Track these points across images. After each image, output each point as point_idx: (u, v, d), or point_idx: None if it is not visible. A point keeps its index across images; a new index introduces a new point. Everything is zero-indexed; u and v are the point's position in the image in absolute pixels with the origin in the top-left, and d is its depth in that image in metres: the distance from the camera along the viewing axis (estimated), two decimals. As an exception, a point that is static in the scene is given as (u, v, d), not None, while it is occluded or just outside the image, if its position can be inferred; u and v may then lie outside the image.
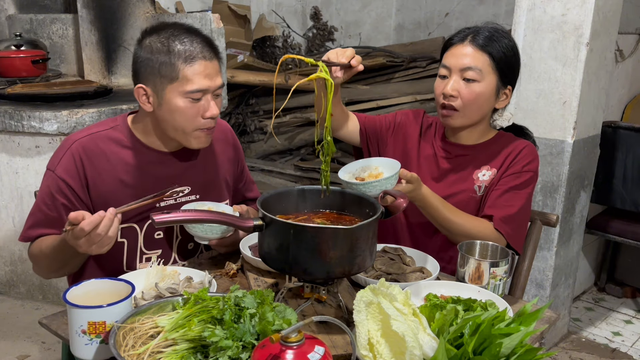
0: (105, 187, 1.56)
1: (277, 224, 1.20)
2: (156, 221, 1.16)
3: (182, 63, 1.45)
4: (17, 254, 3.09)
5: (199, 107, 1.50)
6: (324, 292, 1.28)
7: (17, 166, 2.93)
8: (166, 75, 1.47)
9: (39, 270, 1.61)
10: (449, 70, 1.68)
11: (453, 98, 1.67)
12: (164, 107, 1.50)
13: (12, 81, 3.25)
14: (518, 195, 1.68)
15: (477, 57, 1.65)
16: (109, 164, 1.57)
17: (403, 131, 1.87)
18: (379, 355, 1.07)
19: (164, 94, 1.48)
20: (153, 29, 1.52)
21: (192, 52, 1.46)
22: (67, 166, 1.54)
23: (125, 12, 3.62)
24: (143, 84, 1.51)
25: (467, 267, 1.45)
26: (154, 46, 1.48)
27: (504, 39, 1.68)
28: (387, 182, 1.42)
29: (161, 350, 1.06)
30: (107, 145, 1.58)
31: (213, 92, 1.52)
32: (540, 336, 1.36)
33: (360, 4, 4.66)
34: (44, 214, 1.55)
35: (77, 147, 1.56)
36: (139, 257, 1.64)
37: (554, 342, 3.01)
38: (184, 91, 1.47)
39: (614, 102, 3.39)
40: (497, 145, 1.77)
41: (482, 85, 1.66)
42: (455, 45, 1.69)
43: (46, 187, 1.56)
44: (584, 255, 3.42)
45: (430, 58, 3.89)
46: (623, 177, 3.19)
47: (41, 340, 2.74)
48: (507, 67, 1.69)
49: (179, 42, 1.47)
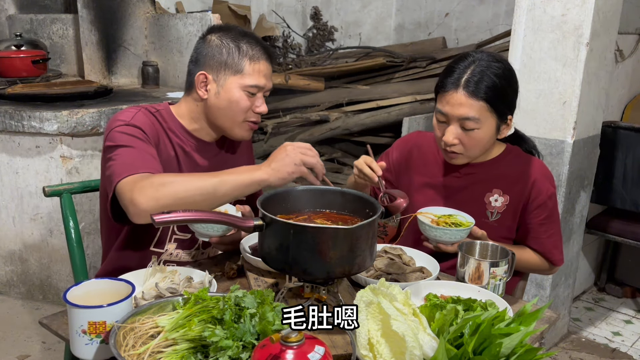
0: (162, 157, 1.60)
1: (277, 224, 1.20)
2: (156, 221, 1.16)
3: (248, 59, 1.61)
4: (17, 254, 3.09)
5: (253, 101, 1.64)
6: (324, 292, 1.28)
7: (17, 166, 2.93)
8: (232, 67, 1.61)
9: (165, 196, 1.39)
10: (447, 117, 1.65)
11: (455, 146, 1.65)
12: (222, 95, 1.62)
13: (12, 81, 3.25)
14: (554, 222, 1.77)
15: (473, 105, 1.60)
16: (166, 136, 1.65)
17: (403, 167, 1.87)
18: (379, 355, 1.07)
19: (225, 83, 1.62)
20: (222, 27, 1.67)
21: (257, 52, 1.63)
22: (143, 120, 1.58)
23: (125, 12, 3.62)
24: (205, 71, 1.62)
25: (467, 267, 1.45)
26: (224, 41, 1.62)
27: (496, 70, 1.61)
28: (459, 234, 1.55)
29: (161, 350, 1.07)
30: (162, 121, 1.65)
31: (264, 92, 1.67)
32: (540, 336, 1.36)
33: (360, 4, 4.66)
34: (145, 153, 1.51)
35: (145, 112, 1.62)
36: (169, 237, 1.69)
37: (554, 342, 3.01)
38: (244, 84, 1.61)
39: (614, 102, 3.39)
40: (506, 165, 1.76)
41: (482, 131, 1.63)
42: (449, 92, 1.62)
43: (123, 135, 1.52)
44: (584, 255, 3.42)
45: (430, 58, 3.89)
46: (623, 177, 3.19)
47: (41, 340, 2.75)
48: (505, 104, 1.65)
49: (247, 43, 1.63)
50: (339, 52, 4.53)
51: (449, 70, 1.65)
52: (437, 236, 1.56)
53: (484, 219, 1.73)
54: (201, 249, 1.75)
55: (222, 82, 1.62)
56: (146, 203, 1.37)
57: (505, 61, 1.68)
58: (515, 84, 1.69)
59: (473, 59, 1.64)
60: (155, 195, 1.37)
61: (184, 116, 1.68)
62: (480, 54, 1.66)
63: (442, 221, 1.60)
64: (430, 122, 1.97)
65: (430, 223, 1.58)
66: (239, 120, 1.64)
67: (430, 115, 3.47)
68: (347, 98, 3.93)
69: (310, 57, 4.53)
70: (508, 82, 1.65)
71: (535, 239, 1.76)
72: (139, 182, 1.39)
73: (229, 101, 1.62)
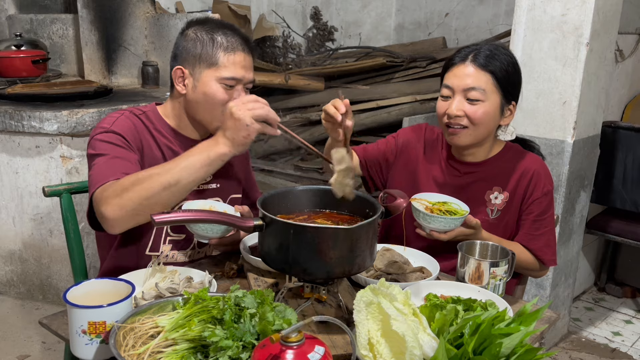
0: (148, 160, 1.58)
1: (277, 224, 1.20)
2: (156, 221, 1.16)
3: (222, 51, 1.57)
4: (17, 254, 3.09)
5: (230, 94, 1.58)
6: (324, 292, 1.28)
7: (17, 166, 2.93)
8: (206, 60, 1.57)
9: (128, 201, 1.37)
10: (452, 91, 1.66)
11: (459, 118, 1.65)
12: (199, 89, 1.58)
13: (12, 81, 3.25)
14: (546, 220, 1.75)
15: (480, 77, 1.64)
16: (152, 138, 1.63)
17: (406, 153, 1.86)
18: (379, 355, 1.07)
19: (201, 77, 1.58)
20: (198, 20, 1.63)
21: (233, 43, 1.58)
22: (124, 125, 1.57)
23: (125, 12, 3.62)
24: (182, 66, 1.60)
25: (467, 267, 1.45)
26: (199, 34, 1.59)
27: (505, 55, 1.67)
28: (453, 222, 1.54)
29: (161, 350, 1.06)
30: (148, 123, 1.64)
31: (245, 85, 1.61)
32: (540, 336, 1.36)
33: (360, 4, 4.66)
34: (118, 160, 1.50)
35: (129, 115, 1.60)
36: (163, 239, 1.67)
37: (554, 342, 3.01)
38: (219, 77, 1.57)
39: (614, 102, 3.39)
40: (506, 162, 1.76)
41: (486, 104, 1.65)
42: (457, 65, 1.67)
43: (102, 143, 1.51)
44: (584, 255, 3.42)
45: (430, 58, 3.89)
46: (623, 177, 3.19)
47: (41, 340, 2.74)
48: (510, 85, 1.68)
49: (222, 34, 1.58)
50: (339, 52, 4.53)
51: (459, 50, 1.72)
52: (431, 224, 1.54)
53: (485, 216, 1.73)
54: (197, 249, 1.74)
55: (198, 76, 1.58)
56: (113, 213, 1.37)
57: (512, 53, 1.74)
58: (520, 74, 1.73)
59: (483, 43, 1.72)
60: (120, 202, 1.36)
61: (169, 115, 1.67)
62: (487, 43, 1.73)
63: (437, 208, 1.59)
64: (430, 123, 1.97)
65: (424, 210, 1.56)
66: (217, 113, 1.58)
67: (430, 115, 3.47)
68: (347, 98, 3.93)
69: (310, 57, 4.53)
70: (515, 68, 1.70)
71: (527, 235, 1.74)
72: (105, 192, 1.39)
73: (205, 94, 1.58)
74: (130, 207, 1.36)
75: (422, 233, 1.59)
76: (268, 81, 3.94)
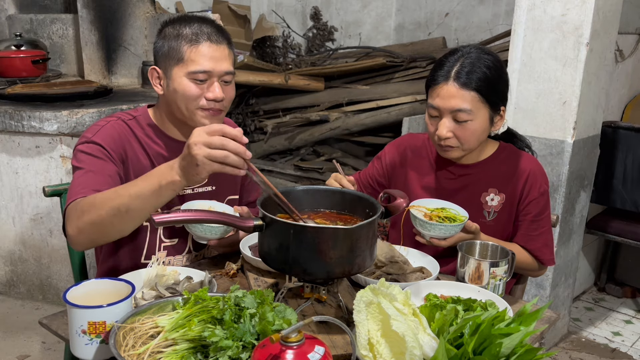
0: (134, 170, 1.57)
1: (277, 224, 1.20)
2: (156, 221, 1.16)
3: (186, 44, 1.51)
4: (17, 254, 3.09)
5: (202, 88, 1.53)
6: (324, 292, 1.28)
7: (17, 166, 2.93)
8: (173, 57, 1.53)
9: (84, 224, 1.35)
10: (439, 111, 1.63)
11: (449, 140, 1.64)
12: (171, 87, 1.55)
13: (12, 81, 3.25)
14: (543, 220, 1.74)
15: (465, 96, 1.59)
16: (139, 146, 1.60)
17: (396, 170, 1.86)
18: (379, 355, 1.07)
19: (171, 74, 1.54)
20: (172, 19, 1.59)
21: (197, 34, 1.52)
22: (107, 134, 1.54)
23: (125, 12, 3.62)
24: (156, 66, 1.58)
25: (467, 267, 1.45)
26: (167, 32, 1.56)
27: (485, 62, 1.61)
28: (453, 229, 1.53)
29: (161, 350, 1.06)
30: (137, 130, 1.61)
31: (219, 77, 1.54)
32: (540, 336, 1.36)
33: (360, 4, 4.66)
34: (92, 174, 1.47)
35: (115, 123, 1.58)
36: (157, 246, 1.65)
37: (554, 342, 3.01)
38: (187, 72, 1.52)
39: (614, 102, 3.39)
40: (500, 163, 1.75)
41: (475, 123, 1.62)
42: (440, 85, 1.61)
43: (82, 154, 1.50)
44: (584, 255, 3.42)
45: (430, 58, 3.89)
46: (623, 177, 3.19)
47: (41, 340, 2.74)
48: (496, 94, 1.64)
49: (188, 27, 1.53)
50: (338, 52, 4.53)
51: (439, 64, 1.66)
52: (431, 232, 1.54)
53: (482, 219, 1.72)
54: (193, 252, 1.72)
55: (170, 74, 1.54)
56: (72, 233, 1.37)
57: (494, 54, 1.68)
58: (506, 75, 1.69)
59: (462, 52, 1.65)
60: (77, 224, 1.36)
61: (157, 117, 1.65)
62: (469, 47, 1.67)
63: (435, 215, 1.58)
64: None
65: (423, 217, 1.55)
66: (192, 109, 1.54)
67: (430, 115, 3.46)
68: (347, 98, 3.93)
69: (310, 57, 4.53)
70: (498, 73, 1.65)
71: (525, 236, 1.73)
72: (70, 211, 1.39)
73: (176, 92, 1.53)
74: (85, 230, 1.35)
75: (421, 240, 1.59)
76: (268, 81, 3.94)
